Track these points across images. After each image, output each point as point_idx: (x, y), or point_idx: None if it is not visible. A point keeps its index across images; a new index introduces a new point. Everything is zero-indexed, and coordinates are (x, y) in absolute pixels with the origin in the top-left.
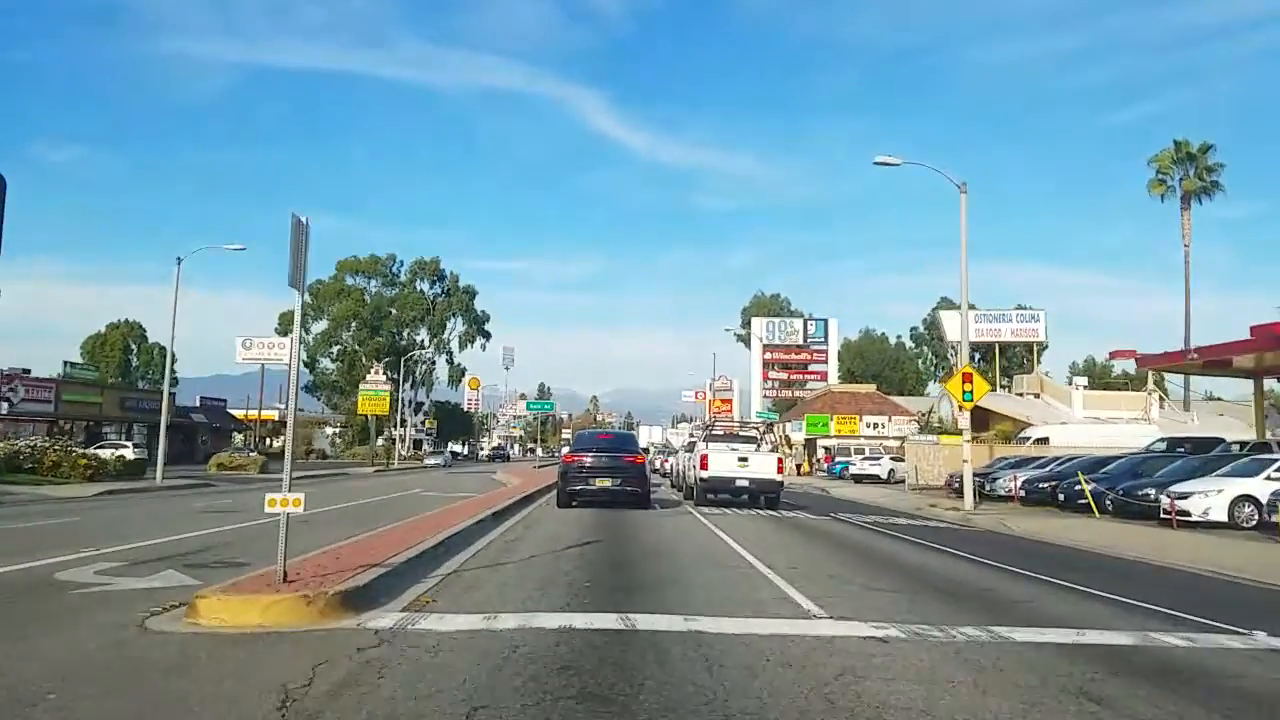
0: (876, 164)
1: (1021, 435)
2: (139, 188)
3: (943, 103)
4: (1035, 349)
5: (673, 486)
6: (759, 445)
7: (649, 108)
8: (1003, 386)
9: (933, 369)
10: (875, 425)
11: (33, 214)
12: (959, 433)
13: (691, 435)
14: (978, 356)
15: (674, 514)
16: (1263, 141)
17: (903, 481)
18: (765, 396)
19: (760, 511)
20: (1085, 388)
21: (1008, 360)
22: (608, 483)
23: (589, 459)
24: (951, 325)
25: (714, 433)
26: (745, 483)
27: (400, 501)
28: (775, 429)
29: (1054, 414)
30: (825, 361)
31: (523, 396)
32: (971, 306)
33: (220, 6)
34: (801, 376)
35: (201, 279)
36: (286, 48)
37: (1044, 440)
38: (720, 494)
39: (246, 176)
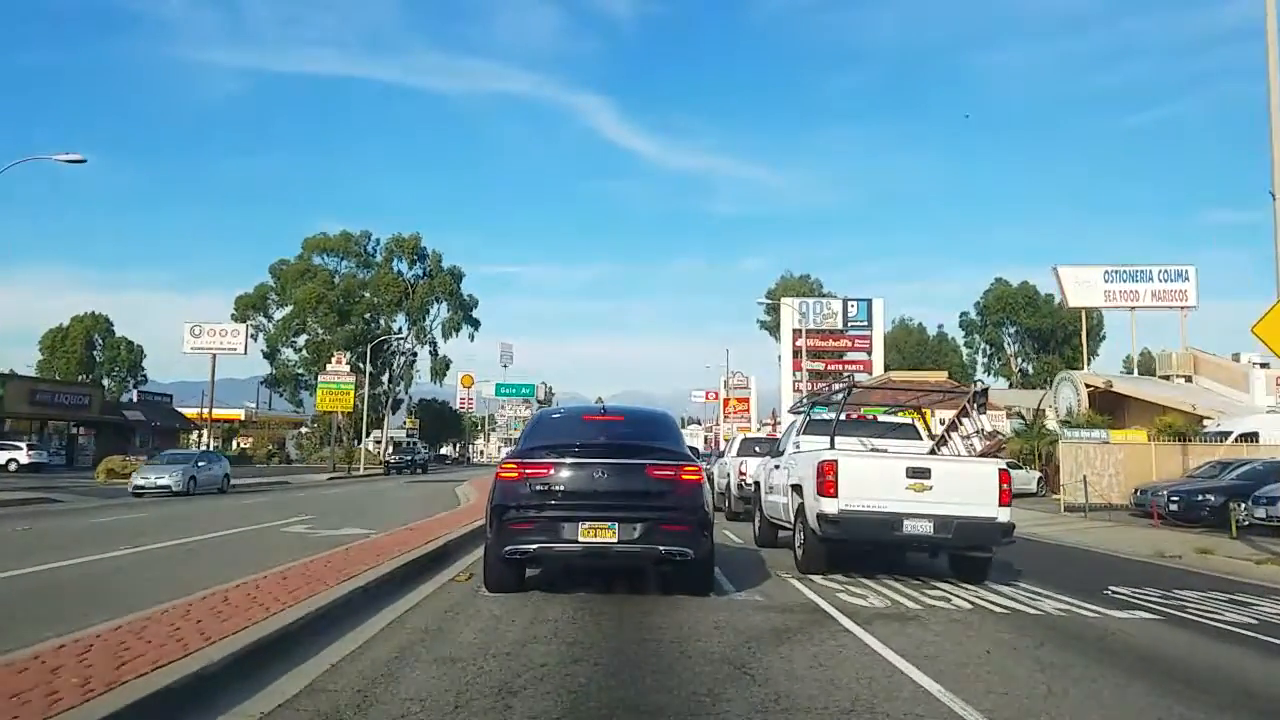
0: None
1: (1209, 431)
2: (141, 192)
3: (956, 106)
4: (1182, 316)
5: (715, 509)
6: (944, 441)
7: (658, 115)
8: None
9: (989, 360)
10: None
11: (39, 220)
12: (1106, 424)
13: (714, 435)
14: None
15: (790, 627)
16: None
17: (1037, 495)
18: (796, 391)
19: (979, 599)
20: (1261, 365)
21: (1072, 350)
22: (609, 533)
23: (564, 471)
24: (1076, 284)
25: (830, 415)
26: (925, 526)
27: (242, 544)
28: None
29: (1222, 401)
30: (869, 349)
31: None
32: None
33: (233, 15)
34: (839, 367)
35: (182, 282)
36: (298, 55)
37: (1250, 437)
38: (857, 544)
39: (250, 182)
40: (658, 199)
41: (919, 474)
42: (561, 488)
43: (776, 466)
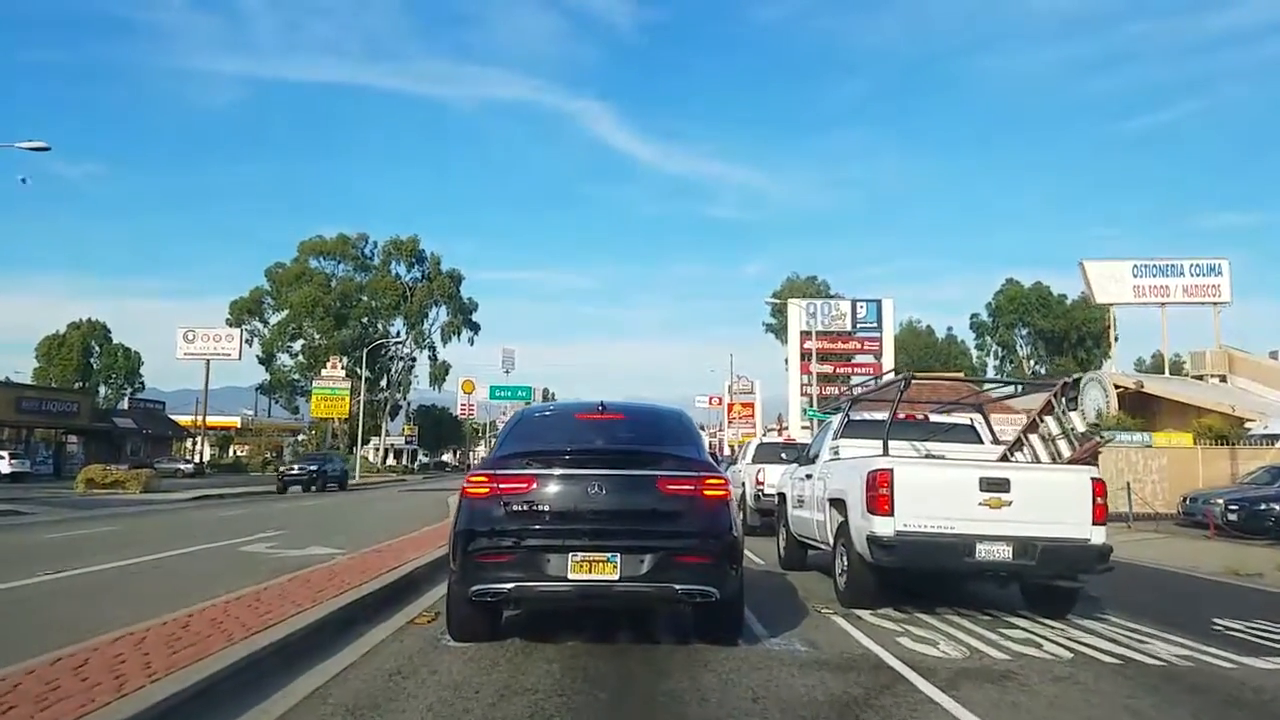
0: None
1: (1254, 433)
2: (141, 199)
3: (956, 110)
4: (1215, 313)
5: None
6: (1019, 445)
7: (659, 120)
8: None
9: (1001, 362)
10: None
11: (37, 227)
12: (1138, 427)
13: (718, 440)
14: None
15: (853, 696)
16: None
17: None
18: (804, 394)
19: (1073, 641)
20: None
21: (1086, 352)
22: (609, 568)
23: (550, 486)
24: (1103, 280)
25: (872, 416)
26: (1003, 551)
27: (182, 568)
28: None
29: (1260, 401)
30: (878, 351)
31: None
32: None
33: (232, 23)
34: (848, 370)
35: (187, 290)
36: (299, 62)
37: None
38: (917, 574)
39: (251, 189)
40: (659, 204)
41: (995, 486)
42: (546, 507)
43: (808, 476)
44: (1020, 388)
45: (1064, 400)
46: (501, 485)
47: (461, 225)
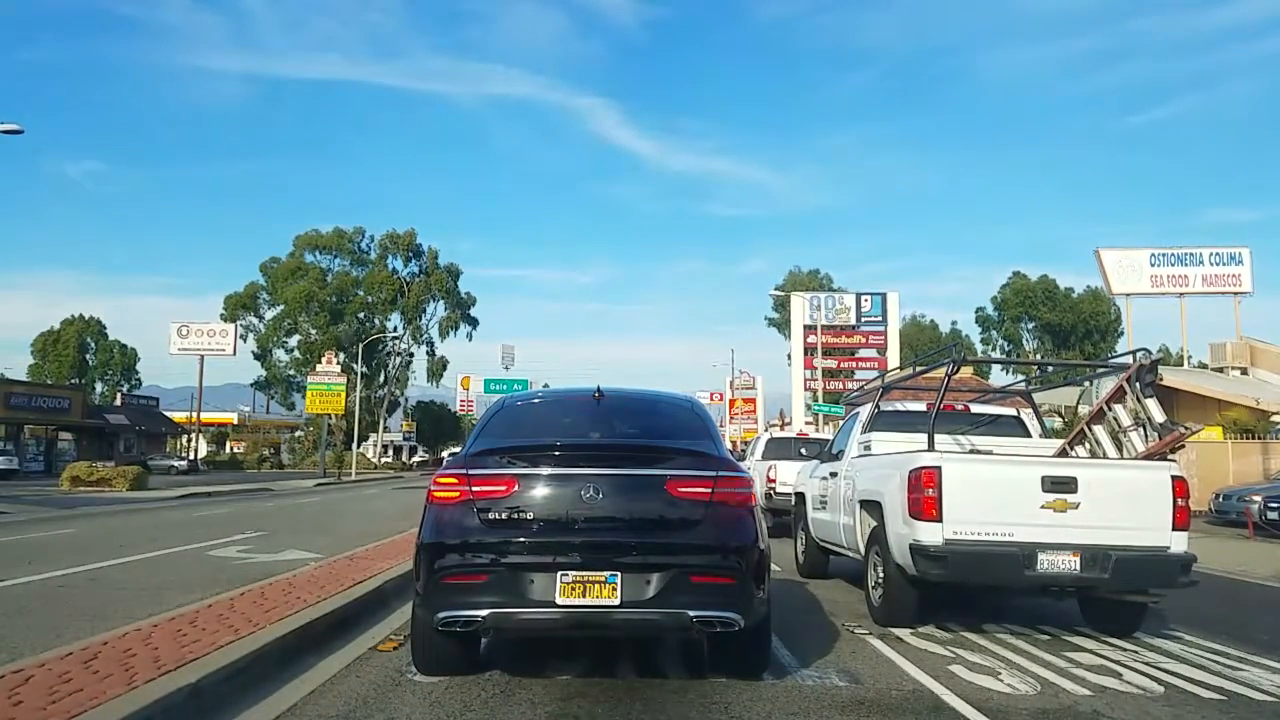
0: None
1: None
2: (143, 197)
3: (959, 105)
4: (1235, 303)
5: None
6: (1082, 438)
7: (660, 117)
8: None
9: (1007, 357)
10: None
11: (43, 227)
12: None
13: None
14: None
15: None
16: None
17: None
18: (808, 389)
19: (1155, 668)
20: None
21: (1085, 355)
22: (607, 590)
23: (536, 488)
24: (1119, 269)
25: (901, 403)
26: (1069, 562)
27: (133, 577)
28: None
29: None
30: (883, 346)
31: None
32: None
33: (233, 20)
34: (852, 364)
35: (189, 288)
36: (301, 60)
37: None
38: (968, 588)
39: (253, 189)
40: (661, 200)
41: (1061, 486)
42: (531, 515)
43: (831, 474)
44: (1065, 370)
45: (1139, 385)
46: (475, 488)
47: (463, 223)
